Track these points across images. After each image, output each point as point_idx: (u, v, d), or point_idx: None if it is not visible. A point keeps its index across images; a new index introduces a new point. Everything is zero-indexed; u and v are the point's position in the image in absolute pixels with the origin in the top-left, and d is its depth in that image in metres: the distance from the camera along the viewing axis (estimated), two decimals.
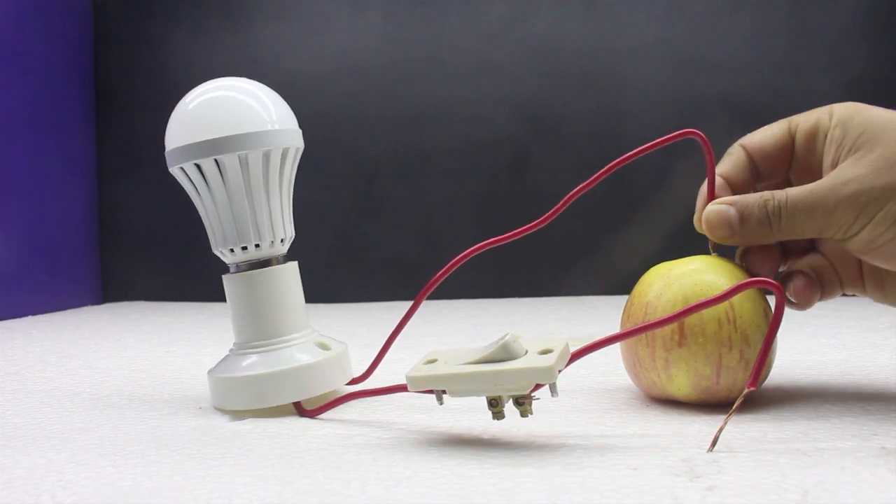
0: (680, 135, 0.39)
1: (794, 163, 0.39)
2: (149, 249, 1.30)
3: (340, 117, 1.22)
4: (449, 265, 0.42)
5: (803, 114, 0.38)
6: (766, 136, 0.39)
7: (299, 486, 0.29)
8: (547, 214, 0.42)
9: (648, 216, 1.15)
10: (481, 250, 0.42)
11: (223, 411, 0.42)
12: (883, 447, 0.31)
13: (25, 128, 1.11)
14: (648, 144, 0.39)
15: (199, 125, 0.41)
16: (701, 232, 0.39)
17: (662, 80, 1.19)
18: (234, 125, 0.40)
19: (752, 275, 0.38)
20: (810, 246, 0.41)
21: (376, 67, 1.25)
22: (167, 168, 0.43)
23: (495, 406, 0.33)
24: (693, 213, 0.40)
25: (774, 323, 0.33)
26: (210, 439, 0.36)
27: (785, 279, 0.39)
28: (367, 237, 1.27)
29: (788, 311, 0.34)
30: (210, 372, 0.43)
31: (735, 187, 0.39)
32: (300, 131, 0.43)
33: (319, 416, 0.40)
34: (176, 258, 1.29)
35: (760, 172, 0.39)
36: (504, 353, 0.33)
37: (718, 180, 0.39)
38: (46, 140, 1.16)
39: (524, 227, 0.42)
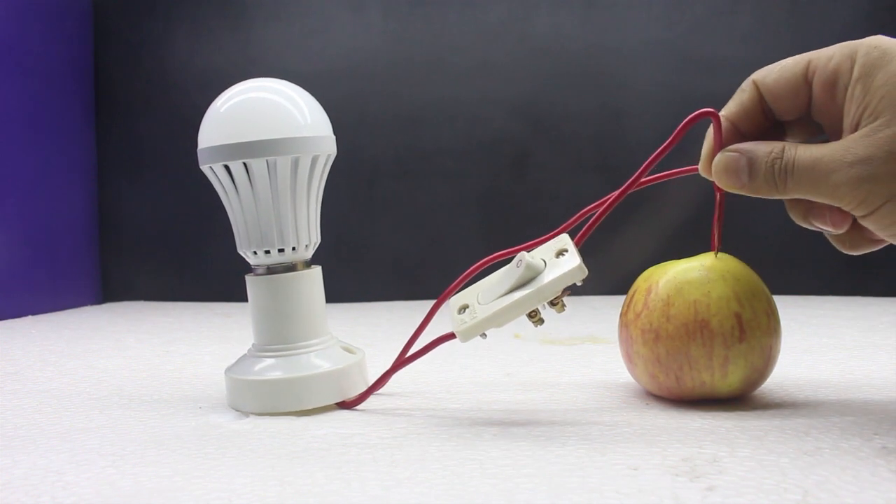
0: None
1: (812, 107, 0.35)
2: (149, 249, 1.30)
3: (340, 117, 1.22)
4: (461, 277, 0.41)
5: (824, 52, 0.34)
6: (780, 78, 0.35)
7: (299, 486, 0.29)
8: (570, 220, 0.40)
9: (648, 216, 1.15)
10: (493, 261, 0.42)
11: (235, 410, 0.42)
12: (884, 447, 0.31)
13: (25, 128, 1.11)
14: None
15: (231, 126, 0.40)
16: (705, 176, 0.36)
17: (662, 80, 1.19)
18: (265, 129, 0.40)
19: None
20: None
21: (376, 67, 1.25)
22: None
23: (534, 316, 0.36)
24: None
25: (716, 144, 0.34)
26: (210, 439, 0.36)
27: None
28: (367, 237, 1.27)
29: (788, 311, 0.34)
30: (227, 371, 0.43)
31: (744, 133, 0.36)
32: (333, 137, 0.43)
33: (356, 408, 0.41)
34: (176, 258, 1.29)
35: (775, 114, 0.36)
36: (530, 272, 0.36)
37: (725, 123, 0.36)
38: (46, 140, 1.16)
39: (542, 238, 0.41)
